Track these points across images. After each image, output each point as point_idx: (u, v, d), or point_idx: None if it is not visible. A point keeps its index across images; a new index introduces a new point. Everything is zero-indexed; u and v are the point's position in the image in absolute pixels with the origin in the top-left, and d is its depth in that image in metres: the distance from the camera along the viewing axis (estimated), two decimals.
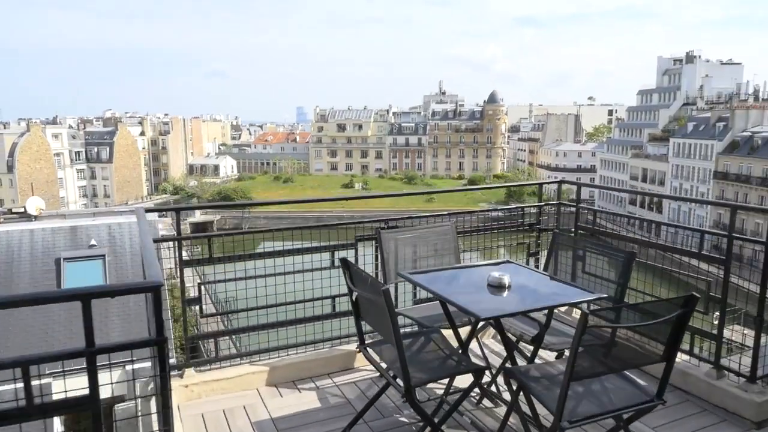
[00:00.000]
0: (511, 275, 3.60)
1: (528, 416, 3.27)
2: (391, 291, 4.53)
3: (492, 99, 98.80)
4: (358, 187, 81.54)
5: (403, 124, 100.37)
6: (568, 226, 5.53)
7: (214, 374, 4.36)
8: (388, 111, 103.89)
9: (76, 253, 16.83)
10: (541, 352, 3.93)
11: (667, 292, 4.44)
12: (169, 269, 4.78)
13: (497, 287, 3.51)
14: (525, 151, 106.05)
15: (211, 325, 4.89)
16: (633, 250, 3.89)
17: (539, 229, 5.62)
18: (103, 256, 16.80)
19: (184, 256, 4.27)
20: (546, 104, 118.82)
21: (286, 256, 4.55)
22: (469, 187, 27.98)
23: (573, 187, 6.16)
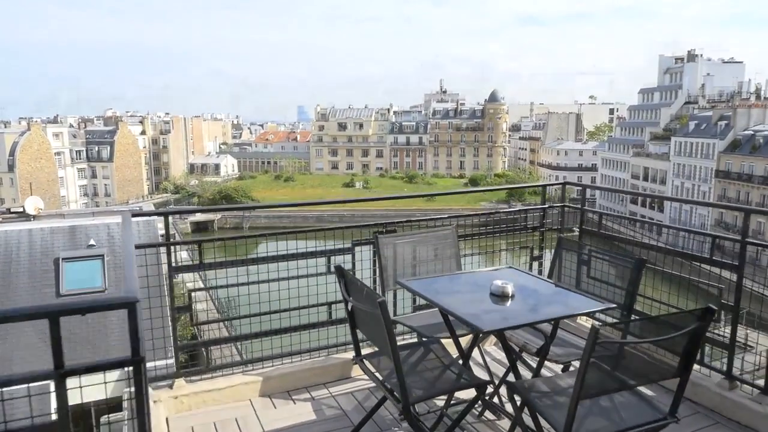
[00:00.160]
0: (515, 283, 3.44)
1: None
2: (390, 297, 4.37)
3: (493, 98, 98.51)
4: (358, 186, 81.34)
5: (404, 123, 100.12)
6: (572, 228, 5.37)
7: (205, 385, 4.19)
8: (389, 110, 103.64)
9: (75, 253, 16.64)
10: (547, 363, 3.76)
11: (677, 298, 4.27)
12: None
13: (500, 296, 3.34)
14: (526, 149, 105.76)
15: (204, 334, 4.73)
16: (642, 257, 3.71)
17: (543, 232, 5.45)
18: (102, 256, 16.63)
19: (182, 259, 4.12)
20: (547, 103, 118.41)
21: (281, 262, 4.38)
22: (470, 189, 27.74)
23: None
